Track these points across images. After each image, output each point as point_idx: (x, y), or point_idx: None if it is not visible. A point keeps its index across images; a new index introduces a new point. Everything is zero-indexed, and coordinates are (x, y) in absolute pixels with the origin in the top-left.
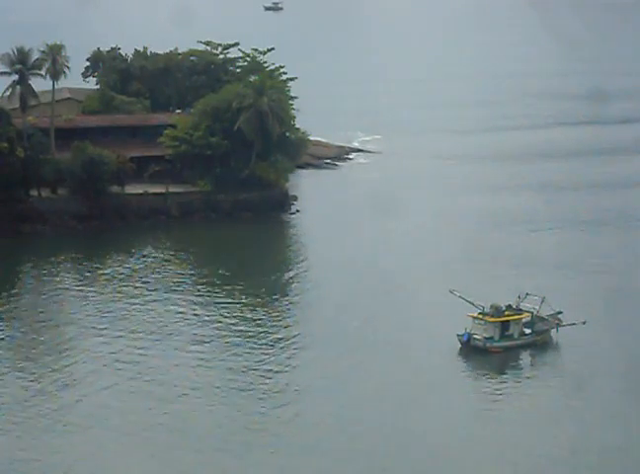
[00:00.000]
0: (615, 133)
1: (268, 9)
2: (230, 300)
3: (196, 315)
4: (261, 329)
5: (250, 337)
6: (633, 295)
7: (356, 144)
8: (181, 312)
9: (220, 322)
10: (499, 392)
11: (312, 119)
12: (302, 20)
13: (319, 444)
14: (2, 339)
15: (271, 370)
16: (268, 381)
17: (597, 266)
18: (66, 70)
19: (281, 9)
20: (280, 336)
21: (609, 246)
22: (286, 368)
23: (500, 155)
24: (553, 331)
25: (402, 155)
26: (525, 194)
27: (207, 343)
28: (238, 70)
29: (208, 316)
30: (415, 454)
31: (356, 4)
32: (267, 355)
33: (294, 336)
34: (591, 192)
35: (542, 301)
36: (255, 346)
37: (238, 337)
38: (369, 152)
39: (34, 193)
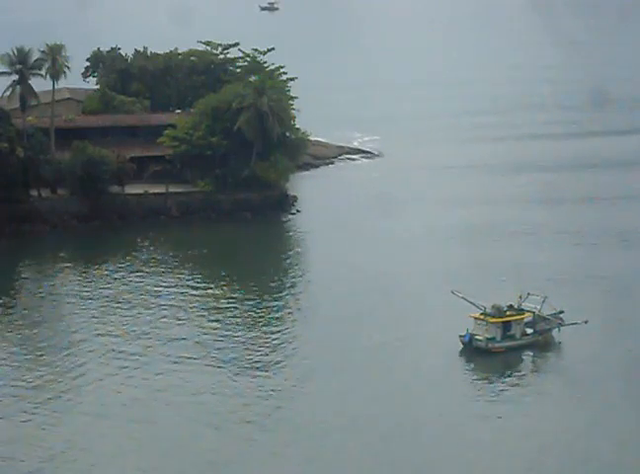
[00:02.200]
0: (619, 144)
1: (263, 9)
2: (230, 300)
3: (195, 315)
4: (260, 329)
5: (249, 337)
6: (634, 295)
7: (355, 144)
8: (180, 312)
9: (219, 322)
10: (501, 392)
11: (312, 120)
12: (298, 20)
13: (318, 445)
14: (2, 338)
15: (270, 370)
16: (267, 381)
17: (598, 266)
18: (66, 70)
19: (277, 9)
20: (279, 336)
21: (611, 248)
22: (286, 368)
23: (499, 158)
24: (555, 331)
25: (402, 155)
26: (526, 197)
27: (206, 342)
28: (238, 70)
29: (208, 316)
30: (416, 454)
31: (353, 4)
32: (266, 354)
33: (294, 336)
34: (593, 203)
35: (544, 301)
36: (254, 346)
37: (237, 337)
38: (369, 152)
39: (34, 193)
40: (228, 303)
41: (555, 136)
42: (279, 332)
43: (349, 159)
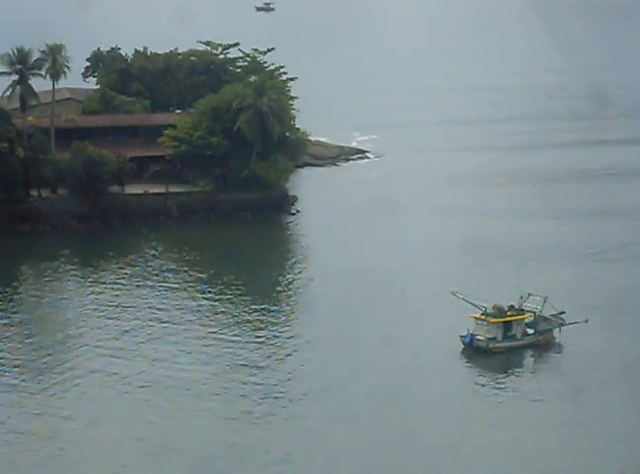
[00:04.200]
0: (622, 153)
1: (259, 9)
2: (229, 301)
3: (195, 316)
4: (259, 330)
5: (248, 338)
6: (635, 295)
7: (354, 144)
8: (180, 312)
9: (219, 323)
10: (501, 393)
11: (312, 120)
12: (294, 20)
13: (318, 445)
14: (2, 338)
15: (269, 370)
16: (267, 382)
17: (598, 268)
18: (66, 70)
19: (273, 9)
20: (279, 337)
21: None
22: (286, 369)
23: (494, 147)
24: (556, 331)
25: (401, 155)
26: (525, 206)
27: (206, 343)
28: (238, 70)
29: (207, 316)
30: (416, 455)
31: (349, 4)
32: (266, 356)
33: (294, 337)
34: (593, 213)
35: (544, 301)
36: (253, 347)
37: (237, 338)
38: (369, 152)
39: (34, 193)
40: (228, 303)
41: (558, 145)
42: (278, 332)
43: (348, 159)
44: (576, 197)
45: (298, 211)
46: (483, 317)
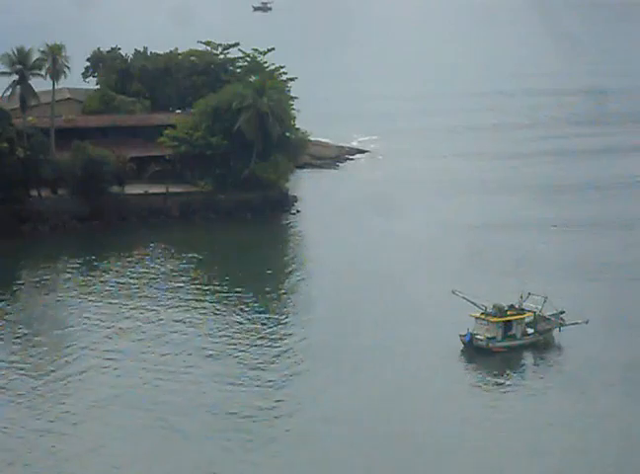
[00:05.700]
0: (623, 160)
1: (257, 9)
2: (229, 301)
3: (195, 316)
4: (259, 330)
5: (248, 338)
6: (635, 296)
7: (354, 144)
8: (180, 313)
9: (219, 323)
10: (501, 392)
11: (312, 120)
12: (292, 20)
13: (319, 446)
14: (2, 338)
15: (269, 369)
16: (267, 383)
17: (598, 266)
18: (66, 70)
19: (270, 9)
20: (279, 337)
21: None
22: (286, 369)
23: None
24: (556, 331)
25: (401, 155)
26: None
27: (206, 343)
28: (238, 70)
29: (208, 317)
30: (416, 455)
31: (347, 4)
32: (266, 356)
33: (294, 336)
34: (595, 223)
35: (545, 301)
36: (253, 347)
37: (237, 338)
38: (369, 152)
39: (34, 193)
40: (227, 303)
41: (559, 151)
42: (278, 332)
43: (348, 159)
44: (577, 205)
45: (298, 211)
46: (483, 316)
